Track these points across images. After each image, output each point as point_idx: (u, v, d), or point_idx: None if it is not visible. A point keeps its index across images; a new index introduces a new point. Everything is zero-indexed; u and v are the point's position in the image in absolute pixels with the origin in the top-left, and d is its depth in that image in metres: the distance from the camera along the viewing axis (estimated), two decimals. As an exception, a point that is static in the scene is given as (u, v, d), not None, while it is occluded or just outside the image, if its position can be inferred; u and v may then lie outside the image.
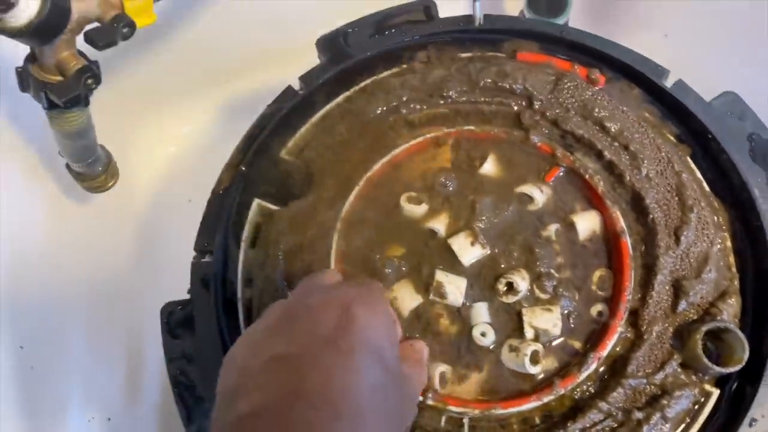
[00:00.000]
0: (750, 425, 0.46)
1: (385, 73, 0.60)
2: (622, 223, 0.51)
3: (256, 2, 0.85)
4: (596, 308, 0.50)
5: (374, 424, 0.32)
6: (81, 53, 0.52)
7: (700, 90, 0.57)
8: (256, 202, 0.56)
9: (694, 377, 0.47)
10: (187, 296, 0.54)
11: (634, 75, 0.58)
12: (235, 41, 0.87)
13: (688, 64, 0.61)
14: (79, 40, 0.50)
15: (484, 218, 0.52)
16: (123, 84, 0.84)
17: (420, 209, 0.52)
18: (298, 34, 0.69)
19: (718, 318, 0.48)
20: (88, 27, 0.50)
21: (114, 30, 0.48)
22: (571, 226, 0.53)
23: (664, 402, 0.45)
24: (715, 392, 0.47)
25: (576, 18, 0.86)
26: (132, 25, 0.49)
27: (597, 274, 0.52)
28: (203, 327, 0.52)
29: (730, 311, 0.49)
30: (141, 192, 0.88)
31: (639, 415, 0.45)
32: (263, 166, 0.58)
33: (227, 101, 0.93)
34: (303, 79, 0.62)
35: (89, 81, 0.49)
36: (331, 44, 0.63)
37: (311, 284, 0.41)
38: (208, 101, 0.91)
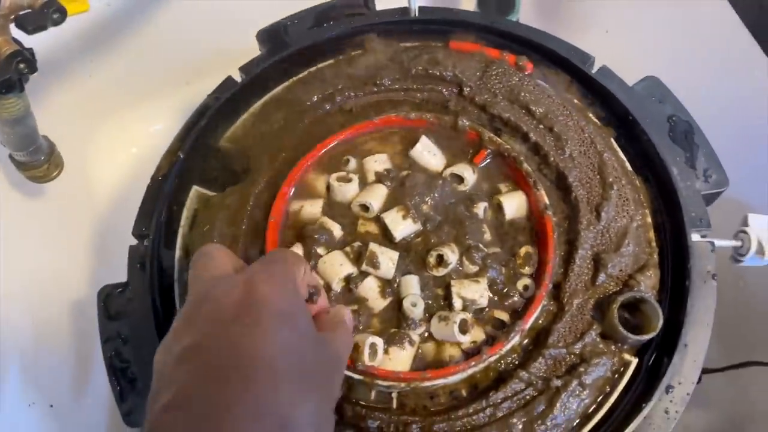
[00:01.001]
0: (667, 392, 0.47)
1: (322, 64, 0.61)
2: (545, 200, 0.52)
3: (212, 4, 0.85)
4: (522, 282, 0.51)
5: (290, 386, 0.31)
6: (16, 40, 0.51)
7: (631, 76, 0.58)
8: (194, 189, 0.56)
9: (613, 347, 0.47)
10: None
11: (561, 62, 0.59)
12: (193, 43, 0.87)
13: (622, 55, 0.63)
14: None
15: (416, 196, 0.52)
16: (85, 86, 0.83)
17: (350, 187, 0.52)
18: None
19: (636, 289, 0.48)
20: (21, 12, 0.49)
21: (44, 15, 0.48)
22: (499, 205, 0.53)
23: (582, 369, 0.45)
24: (634, 361, 0.47)
25: (526, 18, 0.88)
26: (62, 11, 0.48)
27: (523, 251, 0.52)
28: (138, 308, 0.51)
29: (647, 283, 0.49)
30: (102, 191, 0.87)
31: (558, 382, 0.45)
32: (202, 154, 0.58)
33: (188, 102, 0.92)
34: (243, 69, 0.61)
35: (21, 65, 0.49)
36: (271, 36, 0.64)
37: (207, 277, 0.38)
38: (169, 102, 0.90)
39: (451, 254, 0.49)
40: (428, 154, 0.55)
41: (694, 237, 0.51)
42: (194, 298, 0.37)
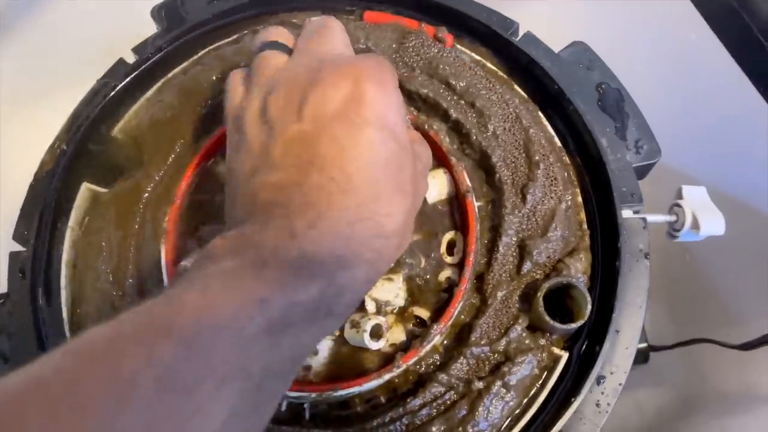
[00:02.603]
0: (598, 383, 0.42)
1: (223, 41, 0.54)
2: (467, 182, 0.46)
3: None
4: (445, 274, 0.46)
5: (388, 196, 0.31)
6: None
7: (561, 40, 0.53)
8: (84, 186, 0.49)
9: (541, 341, 0.43)
10: (8, 291, 0.47)
11: (483, 30, 0.53)
12: (103, 28, 0.80)
13: (554, 17, 0.57)
14: None
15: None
16: None
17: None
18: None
19: (564, 274, 0.44)
20: None
21: None
22: (419, 190, 0.48)
23: (505, 369, 0.41)
24: (564, 356, 0.43)
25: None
26: None
27: (447, 238, 0.47)
28: (18, 322, 0.45)
29: (578, 267, 0.45)
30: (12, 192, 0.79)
31: (479, 384, 0.40)
32: (92, 147, 0.51)
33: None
34: (136, 50, 0.54)
35: None
36: (167, 12, 0.56)
37: (314, 53, 0.35)
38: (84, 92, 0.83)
39: (361, 250, 0.44)
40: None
41: (625, 213, 0.47)
42: (300, 76, 0.33)
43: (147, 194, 0.47)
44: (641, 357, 0.60)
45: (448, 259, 0.46)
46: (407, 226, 0.33)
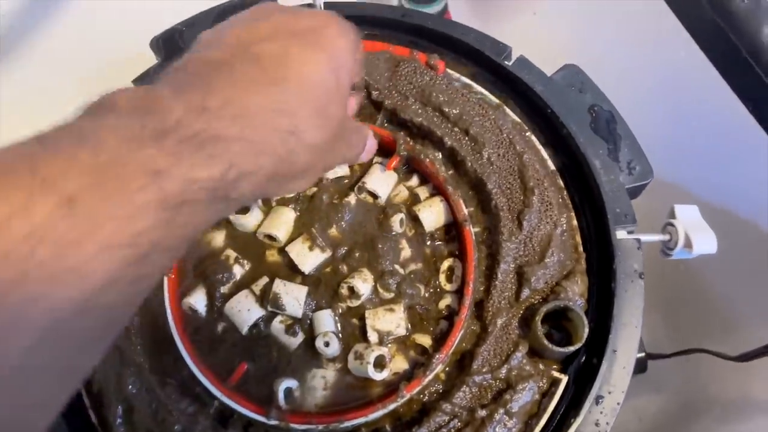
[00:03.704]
0: (597, 403, 0.43)
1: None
2: (465, 210, 0.47)
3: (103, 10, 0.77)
4: (445, 302, 0.46)
5: (313, 109, 0.30)
6: None
7: (555, 62, 0.53)
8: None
9: (541, 366, 0.43)
10: None
11: (476, 55, 0.53)
12: (96, 52, 0.80)
13: (549, 40, 0.58)
14: None
15: (323, 218, 0.47)
16: None
17: (250, 219, 0.47)
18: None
19: (562, 297, 0.44)
20: None
21: None
22: (417, 217, 0.48)
23: (507, 397, 0.41)
24: (564, 379, 0.43)
25: (456, 5, 0.82)
26: None
27: (445, 265, 0.48)
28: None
29: (575, 289, 0.45)
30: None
31: (482, 413, 0.41)
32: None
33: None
34: (137, 82, 0.55)
35: None
36: (165, 43, 0.57)
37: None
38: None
39: (362, 284, 0.44)
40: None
41: (620, 234, 0.47)
42: (268, 5, 0.33)
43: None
44: (639, 366, 0.60)
45: (448, 287, 0.47)
46: (319, 158, 0.32)
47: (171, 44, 0.57)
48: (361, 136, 0.39)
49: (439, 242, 0.49)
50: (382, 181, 0.48)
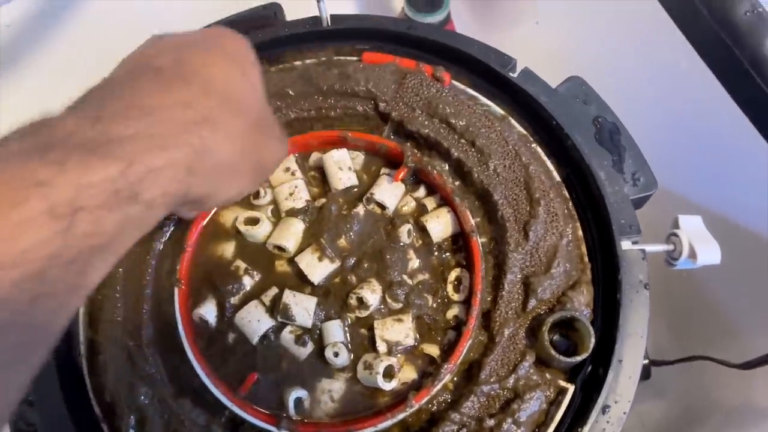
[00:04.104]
0: (603, 412, 0.43)
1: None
2: (472, 222, 0.47)
3: (118, 18, 0.78)
4: (452, 312, 0.47)
5: (219, 101, 0.30)
6: None
7: (559, 72, 0.54)
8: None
9: (548, 375, 0.44)
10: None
11: (481, 67, 0.54)
12: (102, 61, 0.80)
13: (552, 50, 0.58)
14: None
15: (332, 228, 0.47)
16: (2, 106, 0.77)
17: (260, 230, 0.47)
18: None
19: (568, 307, 0.45)
20: None
21: None
22: (424, 227, 0.49)
23: (515, 407, 0.42)
24: (571, 388, 0.44)
25: (456, 11, 0.83)
26: None
27: (453, 275, 0.48)
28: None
29: (581, 300, 0.45)
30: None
31: (490, 422, 0.41)
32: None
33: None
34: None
35: None
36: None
37: None
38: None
39: (371, 295, 0.45)
40: (338, 169, 0.49)
41: (625, 245, 0.48)
42: (158, 35, 0.34)
43: (157, 244, 0.48)
44: (643, 373, 0.61)
45: (455, 297, 0.47)
46: (244, 149, 0.32)
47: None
48: (284, 132, 0.39)
49: (447, 253, 0.49)
50: (390, 192, 0.49)
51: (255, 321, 0.45)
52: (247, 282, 0.47)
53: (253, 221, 0.47)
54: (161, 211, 0.27)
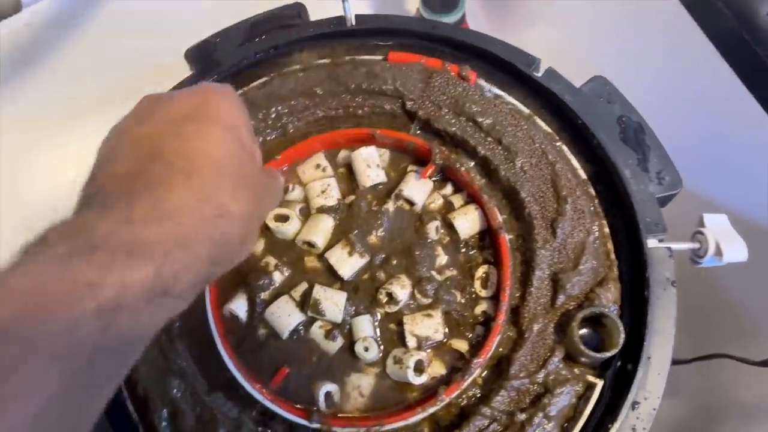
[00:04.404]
0: (633, 408, 0.44)
1: (253, 84, 0.55)
2: (500, 219, 0.48)
3: (137, 21, 0.78)
4: (480, 308, 0.47)
5: (232, 183, 0.31)
6: None
7: (578, 72, 0.54)
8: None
9: (576, 370, 0.44)
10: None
11: (506, 66, 0.54)
12: (128, 56, 0.81)
13: (571, 51, 0.58)
14: None
15: (362, 224, 0.48)
16: (18, 108, 0.77)
17: (290, 227, 0.47)
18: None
19: (596, 304, 0.45)
20: None
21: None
22: (452, 224, 0.49)
23: (546, 401, 0.42)
24: (599, 383, 0.44)
25: (471, 12, 0.83)
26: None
27: (480, 272, 0.48)
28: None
29: (608, 296, 0.46)
30: (38, 218, 0.80)
31: (522, 416, 0.41)
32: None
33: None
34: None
35: None
36: (200, 54, 0.58)
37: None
38: (110, 120, 0.84)
39: (401, 290, 0.45)
40: (366, 166, 0.50)
41: (651, 243, 0.48)
42: (146, 102, 0.35)
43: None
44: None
45: (483, 293, 0.47)
46: (251, 223, 0.33)
47: (205, 55, 0.58)
48: (277, 181, 0.40)
49: (473, 250, 0.49)
50: (418, 189, 0.49)
51: (285, 316, 0.45)
52: (277, 278, 0.47)
53: (283, 218, 0.47)
54: (190, 298, 0.30)
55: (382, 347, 0.46)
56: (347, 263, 0.46)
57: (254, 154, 0.35)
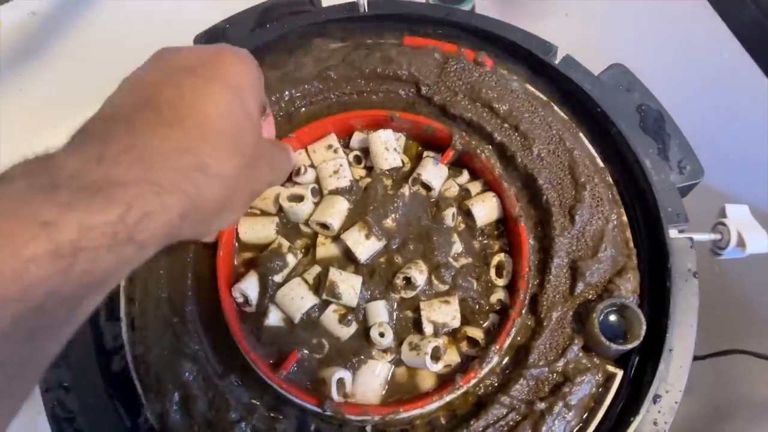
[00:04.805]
0: (654, 402, 0.42)
1: (265, 69, 0.54)
2: (518, 206, 0.46)
3: (146, 5, 0.77)
4: (497, 296, 0.46)
5: (219, 142, 0.31)
6: None
7: (593, 61, 0.53)
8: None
9: (596, 360, 0.42)
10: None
11: (523, 53, 0.53)
12: (133, 47, 0.80)
13: (585, 40, 0.57)
14: None
15: (378, 208, 0.47)
16: (19, 101, 0.76)
17: (303, 207, 0.46)
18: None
19: (615, 294, 0.44)
20: None
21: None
22: (469, 211, 0.48)
23: (566, 390, 0.41)
24: (619, 373, 0.42)
25: (483, 4, 0.82)
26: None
27: (496, 260, 0.47)
28: (78, 352, 0.45)
29: (628, 287, 0.44)
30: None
31: (541, 405, 0.40)
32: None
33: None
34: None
35: None
36: (210, 40, 0.57)
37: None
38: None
39: (419, 275, 0.44)
40: (384, 149, 0.48)
41: (672, 233, 0.47)
42: (160, 52, 0.34)
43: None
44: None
45: (499, 282, 0.46)
46: (236, 189, 0.32)
47: (214, 41, 0.56)
48: (286, 154, 0.39)
49: (489, 238, 0.48)
50: (436, 174, 0.48)
51: (298, 298, 0.44)
52: (291, 260, 0.46)
53: (298, 198, 0.46)
54: (151, 251, 0.28)
55: (395, 334, 0.44)
56: (364, 246, 0.45)
57: (256, 120, 0.34)
